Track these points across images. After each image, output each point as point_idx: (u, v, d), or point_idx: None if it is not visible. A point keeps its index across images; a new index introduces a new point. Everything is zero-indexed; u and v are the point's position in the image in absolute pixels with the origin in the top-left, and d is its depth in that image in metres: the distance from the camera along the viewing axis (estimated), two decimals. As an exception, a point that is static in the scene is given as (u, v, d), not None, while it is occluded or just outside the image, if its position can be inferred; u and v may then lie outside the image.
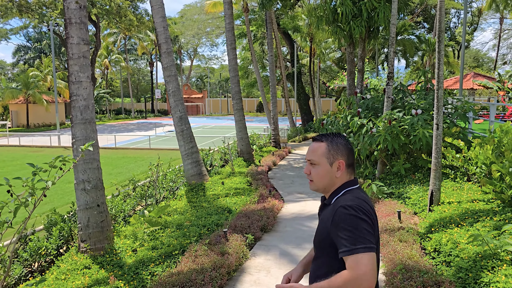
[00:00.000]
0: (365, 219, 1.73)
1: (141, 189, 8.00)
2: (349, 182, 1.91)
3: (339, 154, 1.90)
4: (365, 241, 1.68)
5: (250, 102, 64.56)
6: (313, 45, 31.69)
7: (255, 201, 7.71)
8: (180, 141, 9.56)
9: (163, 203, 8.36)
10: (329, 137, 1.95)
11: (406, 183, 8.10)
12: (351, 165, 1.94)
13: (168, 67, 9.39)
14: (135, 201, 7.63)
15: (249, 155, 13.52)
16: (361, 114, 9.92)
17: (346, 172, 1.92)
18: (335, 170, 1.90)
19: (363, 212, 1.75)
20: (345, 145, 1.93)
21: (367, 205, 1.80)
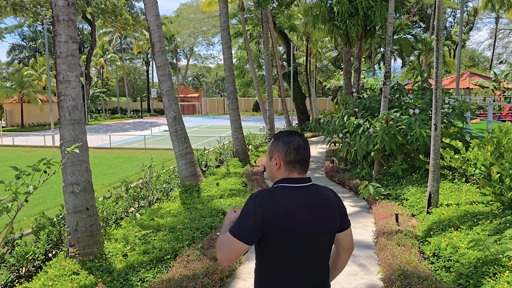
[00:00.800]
0: (253, 214, 1.82)
1: (134, 190, 7.84)
2: (286, 179, 1.94)
3: (276, 150, 1.96)
4: (237, 227, 1.83)
5: (246, 102, 64.39)
6: (309, 44, 31.61)
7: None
8: (174, 141, 9.40)
9: (157, 205, 8.21)
10: (277, 134, 2.03)
11: (404, 184, 7.98)
12: (291, 163, 1.94)
13: (161, 66, 9.23)
14: (127, 203, 7.47)
15: (244, 155, 13.38)
16: (358, 114, 9.80)
17: (285, 169, 1.95)
18: (273, 165, 1.98)
19: (255, 206, 1.82)
20: (286, 142, 1.95)
21: (267, 204, 1.83)
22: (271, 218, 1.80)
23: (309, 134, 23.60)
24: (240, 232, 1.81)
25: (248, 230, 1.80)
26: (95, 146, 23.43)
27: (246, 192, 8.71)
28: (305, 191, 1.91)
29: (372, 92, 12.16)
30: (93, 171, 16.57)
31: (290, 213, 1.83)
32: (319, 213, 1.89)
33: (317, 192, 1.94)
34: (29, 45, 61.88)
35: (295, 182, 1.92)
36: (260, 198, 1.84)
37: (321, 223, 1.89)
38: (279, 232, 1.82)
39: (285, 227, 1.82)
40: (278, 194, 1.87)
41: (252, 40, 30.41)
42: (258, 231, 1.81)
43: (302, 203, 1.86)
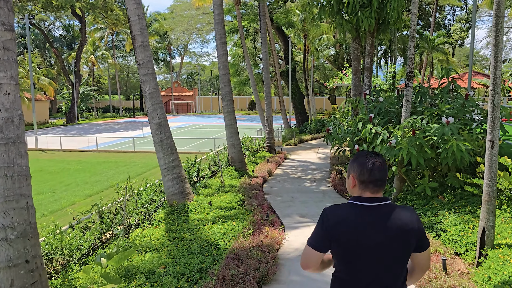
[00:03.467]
0: (321, 225, 2.06)
1: (107, 216, 6.39)
2: (357, 197, 2.07)
3: (352, 170, 2.12)
4: (311, 237, 2.12)
5: (242, 100, 62.96)
6: (307, 41, 30.21)
7: (250, 234, 6.16)
8: (159, 152, 7.97)
9: (138, 231, 6.79)
10: (357, 154, 2.15)
11: (435, 207, 6.60)
12: (365, 182, 2.05)
13: (144, 64, 7.79)
14: (98, 233, 6.03)
15: (241, 163, 11.96)
16: (374, 120, 8.42)
17: (359, 187, 2.08)
18: (350, 182, 2.14)
19: (323, 219, 2.06)
20: (361, 163, 2.08)
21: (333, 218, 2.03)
22: (336, 232, 2.00)
23: (308, 136, 22.23)
24: (313, 241, 2.10)
25: (319, 240, 2.08)
26: (80, 149, 21.92)
27: (244, 214, 7.30)
28: (376, 210, 2.02)
29: (384, 94, 10.78)
30: (75, 179, 15.18)
31: (354, 229, 1.99)
32: (387, 234, 1.98)
33: (390, 212, 2.01)
34: (18, 42, 59.92)
35: (365, 201, 2.04)
36: (329, 213, 2.06)
37: (390, 242, 1.98)
38: (344, 245, 2.01)
39: (348, 242, 1.99)
40: (346, 210, 2.05)
41: (248, 36, 28.97)
42: (326, 241, 2.05)
43: (369, 221, 1.99)
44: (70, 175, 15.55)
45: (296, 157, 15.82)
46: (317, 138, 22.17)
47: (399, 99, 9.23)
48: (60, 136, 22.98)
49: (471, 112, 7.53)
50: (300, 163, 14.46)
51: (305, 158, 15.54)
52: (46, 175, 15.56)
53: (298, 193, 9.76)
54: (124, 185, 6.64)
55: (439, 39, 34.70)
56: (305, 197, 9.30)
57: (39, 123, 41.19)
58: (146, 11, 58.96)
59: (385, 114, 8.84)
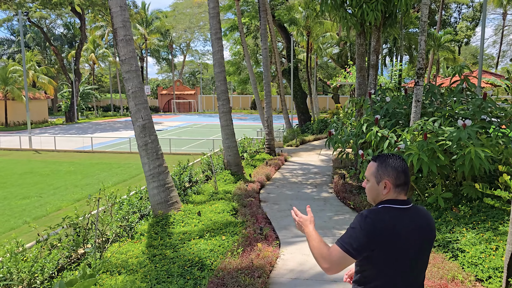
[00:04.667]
0: (362, 230, 1.94)
1: (77, 232, 5.65)
2: (392, 200, 2.04)
3: (386, 175, 2.05)
4: (348, 244, 1.95)
5: (244, 99, 62.26)
6: (310, 39, 29.45)
7: (240, 252, 5.42)
8: (144, 157, 7.25)
9: (116, 245, 6.08)
10: (382, 158, 2.10)
11: (448, 220, 5.86)
12: (401, 185, 2.05)
13: (126, 60, 7.07)
14: (67, 251, 5.32)
15: (237, 167, 11.24)
16: (380, 122, 7.67)
17: (393, 191, 2.05)
18: (382, 188, 2.06)
19: (367, 226, 1.94)
20: (394, 167, 2.05)
21: (377, 224, 1.94)
22: (382, 238, 1.93)
23: (311, 137, 21.47)
24: (351, 248, 1.95)
25: (359, 246, 1.94)
26: (75, 150, 21.26)
27: (236, 227, 6.57)
28: (410, 212, 2.03)
29: (390, 93, 10.03)
30: (65, 182, 14.47)
31: (398, 233, 1.95)
32: (424, 233, 2.02)
33: (419, 213, 2.07)
34: (18, 40, 59.44)
35: (401, 204, 2.04)
36: (371, 218, 1.96)
37: (425, 243, 2.03)
38: (386, 251, 1.94)
39: (392, 246, 1.94)
40: (388, 215, 1.99)
41: (249, 34, 28.23)
42: (367, 248, 1.94)
43: (407, 224, 1.98)
44: (61, 178, 14.88)
45: (297, 159, 15.08)
46: (320, 138, 21.41)
47: (407, 99, 8.48)
48: (54, 136, 22.31)
49: (489, 113, 6.76)
50: (301, 166, 13.72)
51: (307, 161, 14.80)
52: (35, 177, 14.90)
53: (298, 200, 9.02)
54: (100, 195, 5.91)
55: (446, 36, 33.84)
56: (305, 205, 8.56)
57: (38, 122, 40.62)
58: (147, 8, 58.31)
59: (392, 116, 8.09)
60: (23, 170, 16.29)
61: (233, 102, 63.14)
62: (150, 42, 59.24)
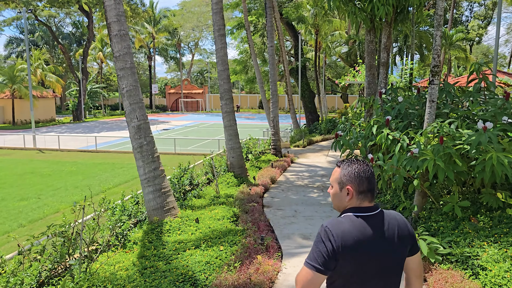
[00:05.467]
0: (325, 244, 1.84)
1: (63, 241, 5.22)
2: (357, 208, 1.96)
3: (349, 181, 1.97)
4: (313, 260, 1.86)
5: (252, 98, 61.85)
6: (318, 38, 28.89)
7: (237, 266, 4.97)
8: (138, 160, 6.84)
9: (108, 255, 5.67)
10: (346, 163, 2.02)
11: (466, 232, 5.35)
12: (364, 192, 1.96)
13: (121, 57, 6.65)
14: (49, 263, 4.91)
15: (241, 169, 10.79)
16: (391, 123, 7.16)
17: (356, 198, 1.97)
18: (344, 195, 1.99)
19: (328, 238, 1.85)
20: (357, 173, 1.97)
21: (337, 234, 1.85)
22: (342, 248, 1.83)
23: (318, 137, 20.95)
24: (317, 264, 1.85)
25: (325, 260, 1.84)
26: (79, 149, 20.98)
27: (235, 235, 6.13)
28: (375, 220, 1.94)
29: (402, 92, 9.51)
30: (65, 183, 14.10)
31: (361, 243, 1.86)
32: (390, 241, 1.93)
33: (387, 219, 1.97)
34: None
35: (365, 211, 1.95)
36: (333, 228, 1.87)
37: (392, 250, 1.93)
38: (350, 261, 1.86)
39: (356, 257, 1.86)
40: (349, 224, 1.90)
41: (256, 32, 27.72)
42: (333, 260, 1.84)
43: (373, 232, 1.90)
44: (62, 178, 14.56)
45: (303, 161, 14.59)
46: (328, 139, 20.88)
47: (420, 99, 7.96)
48: (58, 135, 22.05)
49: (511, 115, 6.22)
50: (307, 168, 13.23)
51: (314, 162, 14.30)
52: (36, 178, 14.59)
53: (303, 205, 8.54)
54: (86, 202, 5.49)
55: (458, 35, 33.07)
56: (311, 211, 8.08)
57: (46, 120, 40.56)
58: (155, 7, 58.07)
59: (405, 117, 7.57)
60: (24, 170, 16.01)
61: (241, 101, 62.76)
62: (158, 41, 59.08)
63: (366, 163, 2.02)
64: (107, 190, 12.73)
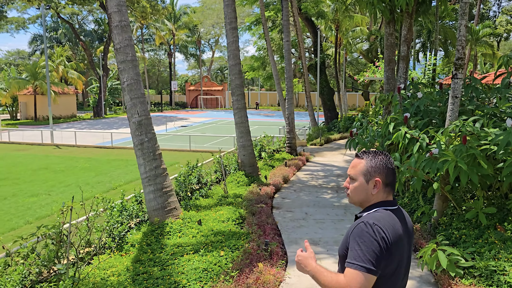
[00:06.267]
0: (378, 241, 1.71)
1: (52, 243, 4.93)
2: (385, 202, 1.88)
3: (377, 172, 1.88)
4: (367, 262, 1.68)
5: (272, 96, 61.35)
6: (339, 34, 28.21)
7: (235, 275, 4.57)
8: (139, 158, 6.52)
9: (103, 257, 5.36)
10: (370, 154, 1.93)
11: (492, 242, 4.81)
12: (389, 185, 1.90)
13: (122, 49, 6.33)
14: (35, 267, 4.61)
15: (252, 168, 10.39)
16: (410, 121, 6.63)
17: (383, 191, 1.89)
18: (371, 187, 1.88)
19: (380, 235, 1.72)
20: (384, 164, 1.89)
21: (387, 230, 1.74)
22: (393, 244, 1.74)
23: (337, 135, 20.39)
24: (371, 265, 1.68)
25: (378, 259, 1.69)
26: (95, 145, 20.96)
27: (238, 239, 5.73)
28: (399, 214, 1.89)
29: (423, 88, 8.93)
30: (77, 179, 13.95)
31: (402, 238, 1.81)
32: (410, 235, 1.90)
33: (404, 214, 1.93)
34: (50, 35, 60.56)
35: (392, 205, 1.89)
36: (380, 224, 1.74)
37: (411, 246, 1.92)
38: (395, 258, 1.76)
39: (398, 252, 1.78)
40: (390, 218, 1.81)
41: (275, 28, 27.24)
42: (384, 258, 1.71)
43: (402, 226, 1.84)
44: (74, 174, 14.45)
45: (319, 160, 14.09)
46: (346, 137, 20.27)
47: (443, 95, 7.39)
48: (75, 131, 22.10)
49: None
50: (323, 167, 12.73)
51: (330, 161, 13.79)
52: (49, 174, 14.53)
53: (315, 207, 8.08)
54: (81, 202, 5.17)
55: (485, 30, 31.82)
56: (322, 214, 7.62)
57: (67, 116, 41.02)
58: (175, 4, 58.13)
59: (425, 114, 7.02)
60: (39, 165, 16.00)
61: (261, 98, 62.41)
62: (178, 38, 59.15)
63: (388, 155, 1.92)
64: (118, 187, 12.50)
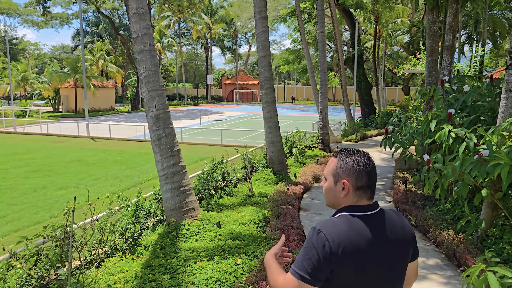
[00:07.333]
0: (317, 250, 1.55)
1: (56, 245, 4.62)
2: (352, 207, 1.69)
3: (346, 174, 1.71)
4: (301, 269, 1.56)
5: (309, 90, 60.37)
6: (378, 26, 27.04)
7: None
8: (157, 154, 6.16)
9: (113, 260, 5.04)
10: (343, 154, 1.76)
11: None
12: (362, 188, 1.68)
13: (139, 38, 5.96)
14: (35, 272, 4.31)
15: (281, 165, 9.87)
16: (454, 118, 5.91)
17: (354, 194, 1.69)
18: (339, 190, 1.72)
19: (321, 243, 1.55)
20: (356, 165, 1.70)
21: (334, 239, 1.55)
22: (339, 255, 1.54)
23: (373, 131, 19.49)
24: (306, 273, 1.54)
25: (315, 270, 1.54)
26: (128, 138, 21.06)
27: (259, 245, 5.25)
28: (375, 220, 1.66)
29: (470, 81, 8.09)
30: (107, 172, 13.85)
31: (361, 248, 1.57)
32: (392, 244, 1.66)
33: (387, 220, 1.70)
34: (92, 30, 62.13)
35: (364, 210, 1.67)
36: (325, 231, 1.57)
37: (395, 256, 1.67)
38: (349, 270, 1.57)
39: (355, 264, 1.57)
40: (346, 225, 1.60)
41: (311, 20, 26.44)
42: (325, 270, 1.55)
43: (373, 234, 1.62)
44: (105, 168, 14.45)
45: (354, 157, 13.35)
46: (384, 133, 19.35)
47: (493, 89, 6.58)
48: (109, 124, 22.32)
49: None
50: (357, 165, 12.01)
51: (365, 159, 13.03)
52: (80, 166, 14.59)
53: (346, 210, 7.48)
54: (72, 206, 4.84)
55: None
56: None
57: (105, 109, 41.88)
58: (213, -3, 58.10)
59: (472, 110, 6.26)
60: (72, 158, 16.14)
61: (297, 93, 61.63)
62: (215, 32, 59.15)
63: (367, 155, 1.76)
64: (146, 181, 12.33)
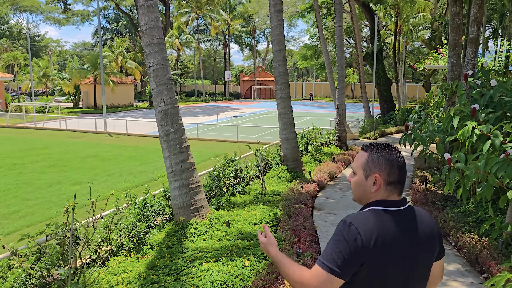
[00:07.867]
0: (348, 243, 1.52)
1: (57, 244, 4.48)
2: (382, 201, 1.65)
3: (377, 168, 1.67)
4: (331, 262, 1.52)
5: (327, 86, 59.82)
6: (399, 21, 26.41)
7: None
8: (165, 150, 5.97)
9: (118, 259, 4.89)
10: (374, 148, 1.72)
11: None
12: (393, 183, 1.66)
13: (147, 30, 5.78)
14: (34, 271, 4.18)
15: (296, 162, 9.61)
16: (479, 114, 5.55)
17: (385, 189, 1.66)
18: (370, 184, 1.68)
19: (352, 236, 1.52)
20: (388, 160, 1.66)
21: (366, 232, 1.52)
22: (371, 248, 1.52)
23: (393, 128, 19.02)
24: (335, 266, 1.51)
25: (345, 263, 1.51)
26: (145, 134, 21.09)
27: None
28: (403, 216, 1.65)
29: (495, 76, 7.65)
30: (121, 168, 13.77)
31: (390, 243, 1.56)
32: (420, 241, 1.65)
33: (416, 216, 1.68)
34: (112, 27, 62.73)
35: (394, 206, 1.65)
36: (357, 225, 1.55)
37: (422, 252, 1.65)
38: (378, 264, 1.54)
39: (384, 258, 1.55)
40: (376, 220, 1.58)
41: (329, 15, 25.96)
42: (355, 263, 1.52)
43: (402, 230, 1.60)
44: (120, 163, 14.43)
45: (372, 155, 12.98)
46: (403, 131, 18.85)
47: (521, 84, 6.18)
48: (126, 119, 22.39)
49: None
50: (375, 163, 11.65)
51: (384, 157, 12.64)
52: (96, 162, 14.61)
53: (362, 210, 7.19)
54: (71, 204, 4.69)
55: None
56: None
57: (124, 105, 42.21)
58: (231, -6, 57.93)
59: (498, 106, 5.87)
60: (88, 153, 16.20)
61: (315, 89, 61.14)
62: (233, 28, 59.01)
63: (397, 150, 1.71)
64: (160, 177, 12.23)
